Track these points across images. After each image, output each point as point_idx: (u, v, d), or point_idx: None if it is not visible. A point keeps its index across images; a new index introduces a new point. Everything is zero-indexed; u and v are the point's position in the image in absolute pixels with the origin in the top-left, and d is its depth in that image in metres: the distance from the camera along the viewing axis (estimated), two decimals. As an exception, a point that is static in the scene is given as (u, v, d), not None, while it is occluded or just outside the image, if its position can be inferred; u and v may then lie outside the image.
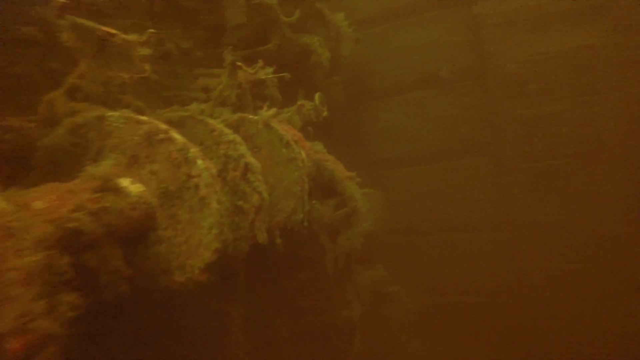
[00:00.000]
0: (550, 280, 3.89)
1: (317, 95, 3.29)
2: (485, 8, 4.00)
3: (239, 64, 2.29)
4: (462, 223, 4.32)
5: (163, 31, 1.87)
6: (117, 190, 1.13)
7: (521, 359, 4.00)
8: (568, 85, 3.71)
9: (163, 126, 1.33)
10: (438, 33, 4.48)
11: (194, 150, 1.41)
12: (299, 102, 3.09)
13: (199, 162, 1.41)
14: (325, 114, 3.40)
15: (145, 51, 1.43)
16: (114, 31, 1.34)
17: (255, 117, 2.18)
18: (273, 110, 2.32)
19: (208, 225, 1.46)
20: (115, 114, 1.30)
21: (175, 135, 1.35)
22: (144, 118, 1.32)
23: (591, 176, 3.70)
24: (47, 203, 0.86)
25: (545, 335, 3.97)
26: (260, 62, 2.37)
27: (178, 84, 2.09)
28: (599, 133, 3.67)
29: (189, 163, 1.38)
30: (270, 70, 2.71)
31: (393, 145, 4.71)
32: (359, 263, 3.69)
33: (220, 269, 1.93)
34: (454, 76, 4.35)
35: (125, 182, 1.21)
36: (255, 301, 2.78)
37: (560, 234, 3.80)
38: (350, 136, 4.92)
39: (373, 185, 4.55)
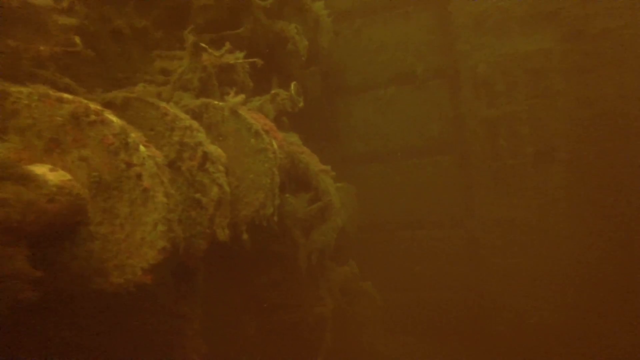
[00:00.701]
0: (506, 275, 3.98)
1: (293, 85, 3.10)
2: (457, 8, 3.96)
3: (203, 45, 2.08)
4: (429, 220, 4.35)
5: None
6: (24, 179, 0.92)
7: (484, 351, 4.10)
8: (528, 87, 3.77)
9: (95, 106, 1.12)
10: (413, 30, 4.39)
11: (135, 135, 1.21)
12: (273, 91, 2.89)
13: (142, 148, 1.21)
14: (301, 104, 3.22)
15: (68, 21, 1.20)
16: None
17: (221, 104, 1.98)
18: (241, 97, 2.12)
19: (153, 221, 1.27)
20: (25, 90, 1.07)
21: (111, 117, 1.15)
22: (68, 96, 1.10)
23: (546, 175, 3.81)
24: None
25: (503, 328, 4.07)
26: (228, 45, 2.16)
27: (132, 66, 1.86)
28: (553, 134, 3.77)
29: (129, 150, 1.18)
30: (240, 55, 2.50)
31: (366, 141, 4.62)
32: (332, 259, 3.56)
33: (174, 269, 1.74)
34: (428, 74, 4.29)
35: (40, 170, 1.00)
36: (220, 298, 2.60)
37: (516, 230, 3.91)
38: (326, 129, 4.77)
39: (346, 180, 4.48)
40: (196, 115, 1.96)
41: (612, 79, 3.74)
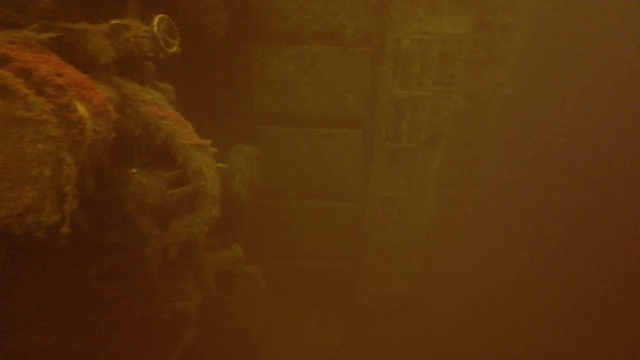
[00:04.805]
0: (379, 249, 3.93)
1: (156, 19, 1.91)
2: (397, -28, 3.01)
3: None
4: (328, 191, 3.94)
5: None
6: None
7: (351, 317, 4.16)
8: (436, 72, 3.33)
9: None
10: (350, -19, 3.33)
11: None
12: (114, 21, 1.72)
13: None
14: (175, 49, 2.07)
15: None
16: None
17: None
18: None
19: None
20: None
21: None
22: None
23: (428, 160, 3.69)
24: None
25: (367, 296, 4.14)
26: None
27: None
28: (441, 123, 3.55)
29: None
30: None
31: (280, 100, 3.68)
32: (215, 236, 2.75)
33: None
34: (356, 38, 3.38)
35: None
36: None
37: (396, 209, 3.80)
38: (233, 80, 3.63)
39: (252, 140, 3.59)
40: None
41: (494, 75, 3.49)
